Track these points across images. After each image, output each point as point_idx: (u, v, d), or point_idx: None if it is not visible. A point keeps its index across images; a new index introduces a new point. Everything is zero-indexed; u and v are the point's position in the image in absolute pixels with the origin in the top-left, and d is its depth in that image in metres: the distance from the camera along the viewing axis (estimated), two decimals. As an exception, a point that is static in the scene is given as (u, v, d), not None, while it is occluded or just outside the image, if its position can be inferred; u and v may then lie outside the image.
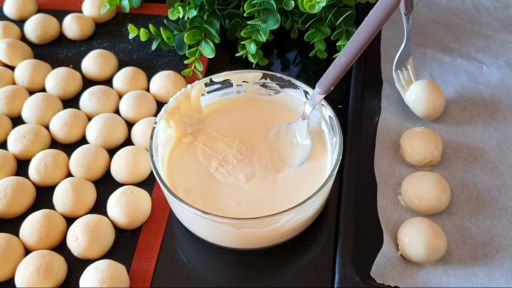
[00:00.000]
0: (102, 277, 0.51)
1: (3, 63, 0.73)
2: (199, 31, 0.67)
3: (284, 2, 0.66)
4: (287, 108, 0.61)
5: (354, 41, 0.51)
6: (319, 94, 0.55)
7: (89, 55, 0.71)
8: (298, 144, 0.58)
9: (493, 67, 0.69)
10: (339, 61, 0.52)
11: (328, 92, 0.54)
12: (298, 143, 0.58)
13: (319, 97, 0.55)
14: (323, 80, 0.54)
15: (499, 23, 0.74)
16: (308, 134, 0.58)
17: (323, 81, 0.54)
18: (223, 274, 0.56)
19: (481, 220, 0.56)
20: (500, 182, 0.59)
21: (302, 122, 0.58)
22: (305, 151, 0.58)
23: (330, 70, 0.53)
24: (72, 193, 0.57)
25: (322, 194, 0.51)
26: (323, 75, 0.54)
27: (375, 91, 0.66)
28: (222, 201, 0.54)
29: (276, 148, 0.59)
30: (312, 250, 0.56)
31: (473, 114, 0.65)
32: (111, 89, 0.69)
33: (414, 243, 0.52)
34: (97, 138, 0.63)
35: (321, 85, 0.54)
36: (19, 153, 0.63)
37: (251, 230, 0.51)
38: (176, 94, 0.58)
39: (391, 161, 0.60)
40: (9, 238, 0.55)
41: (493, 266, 0.53)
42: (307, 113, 0.57)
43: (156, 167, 0.52)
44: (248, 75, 0.60)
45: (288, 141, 0.59)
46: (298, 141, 0.59)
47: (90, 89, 0.68)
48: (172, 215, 0.58)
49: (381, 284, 0.51)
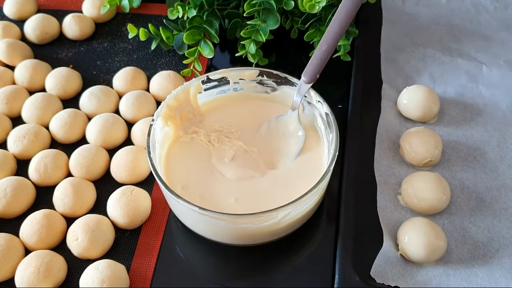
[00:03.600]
0: (102, 277, 0.51)
1: (3, 63, 0.73)
2: (199, 31, 0.67)
3: (284, 2, 0.66)
4: (284, 106, 0.61)
5: (333, 28, 0.52)
6: (305, 83, 0.56)
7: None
8: (291, 136, 0.59)
9: (493, 67, 0.69)
10: (320, 49, 0.54)
11: (314, 80, 0.55)
12: (291, 135, 0.59)
13: (306, 86, 0.56)
14: (307, 69, 0.55)
15: (499, 23, 0.74)
16: (300, 124, 0.58)
17: (307, 70, 0.55)
18: (223, 274, 0.56)
19: (481, 220, 0.56)
20: (500, 182, 0.59)
21: (292, 113, 0.59)
22: (299, 142, 0.58)
23: (313, 59, 0.54)
24: (72, 193, 0.57)
25: (319, 189, 0.51)
26: (307, 65, 0.55)
27: (375, 91, 0.66)
28: (219, 197, 0.54)
29: (270, 142, 0.59)
30: (310, 247, 0.56)
31: (473, 114, 0.65)
32: (111, 89, 0.69)
33: (414, 243, 0.52)
34: (97, 138, 0.63)
35: (307, 74, 0.55)
36: (19, 153, 0.63)
37: (248, 226, 0.51)
38: (173, 92, 0.58)
39: (391, 161, 0.60)
40: (9, 238, 0.55)
41: (493, 266, 0.53)
42: (296, 103, 0.58)
43: (153, 164, 0.52)
44: (245, 72, 0.60)
45: (280, 134, 0.59)
46: (290, 133, 0.59)
47: (90, 89, 0.68)
48: (172, 215, 0.58)
49: (381, 284, 0.51)
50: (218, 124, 0.61)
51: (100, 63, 0.73)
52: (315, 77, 0.55)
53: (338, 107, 0.65)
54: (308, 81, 0.55)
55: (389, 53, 0.70)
